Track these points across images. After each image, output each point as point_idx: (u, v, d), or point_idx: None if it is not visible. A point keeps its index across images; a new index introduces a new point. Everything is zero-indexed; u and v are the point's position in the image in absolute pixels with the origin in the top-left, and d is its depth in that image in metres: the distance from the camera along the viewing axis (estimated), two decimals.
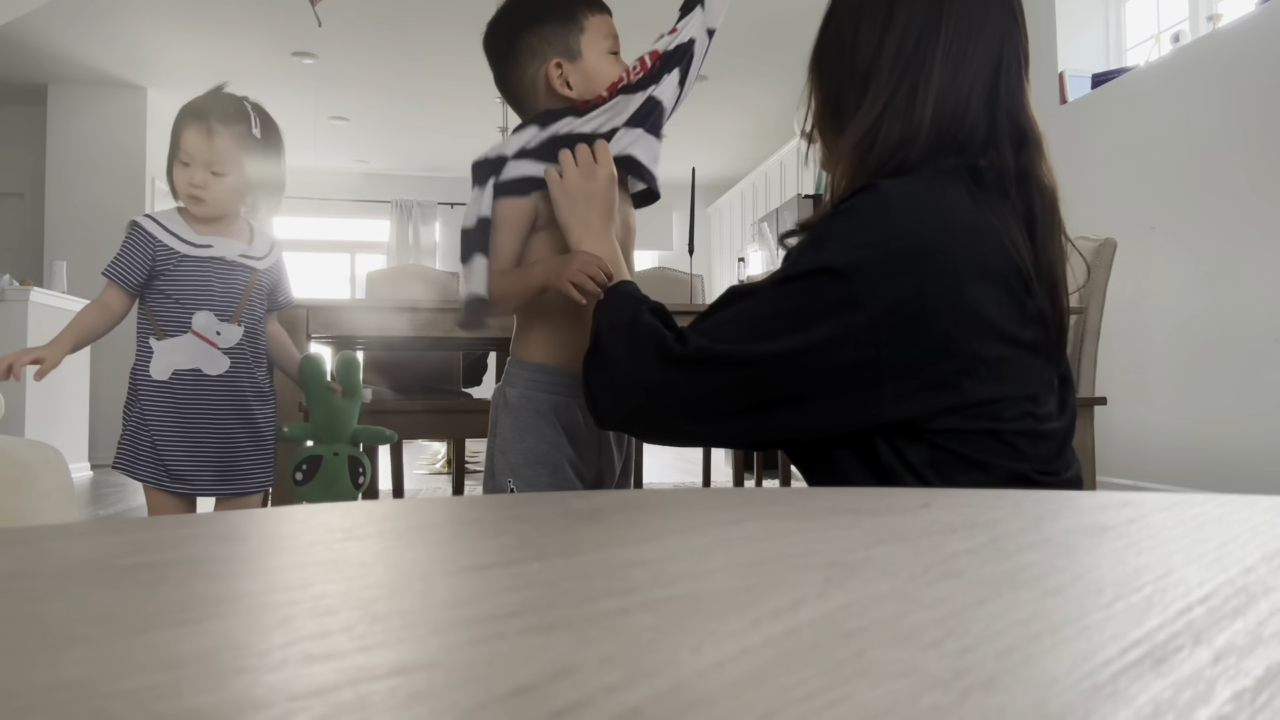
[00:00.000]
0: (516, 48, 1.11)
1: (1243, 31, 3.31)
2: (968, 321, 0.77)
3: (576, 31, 1.10)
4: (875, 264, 0.75)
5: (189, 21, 4.99)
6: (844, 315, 0.75)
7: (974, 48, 0.81)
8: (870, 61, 0.82)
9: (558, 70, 1.10)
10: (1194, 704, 0.17)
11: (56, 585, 0.27)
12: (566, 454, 1.12)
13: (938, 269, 0.76)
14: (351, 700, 0.17)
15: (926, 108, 0.81)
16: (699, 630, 0.22)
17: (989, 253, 0.78)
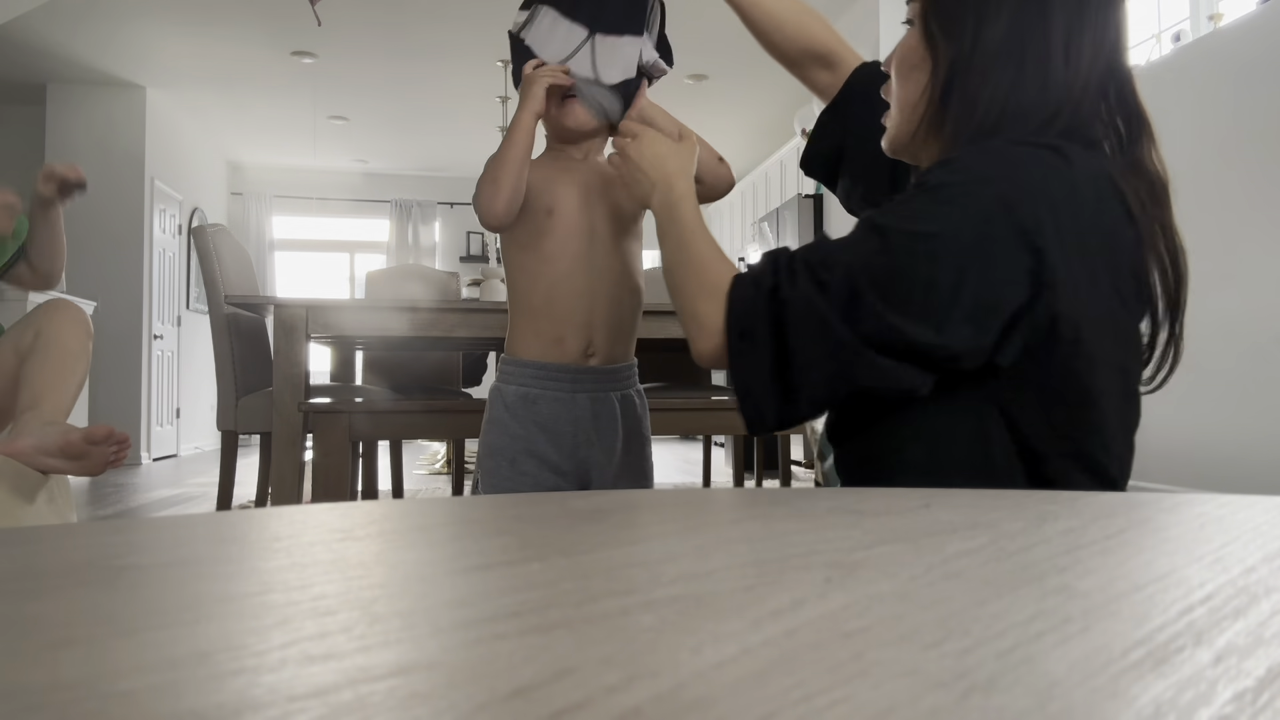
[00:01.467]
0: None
1: (1244, 31, 3.31)
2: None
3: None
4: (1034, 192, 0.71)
5: (188, 21, 4.99)
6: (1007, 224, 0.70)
7: (1100, 26, 0.78)
8: (1006, 28, 0.77)
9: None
10: (1195, 704, 0.17)
11: (56, 585, 0.27)
12: (532, 446, 1.12)
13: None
14: (351, 701, 0.17)
15: (1068, 81, 0.77)
16: (699, 630, 0.22)
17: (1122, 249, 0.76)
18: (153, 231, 6.21)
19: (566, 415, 1.14)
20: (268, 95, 6.27)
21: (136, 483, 4.70)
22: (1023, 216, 0.69)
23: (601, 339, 1.16)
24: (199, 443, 7.11)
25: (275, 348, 2.11)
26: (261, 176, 8.18)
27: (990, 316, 0.70)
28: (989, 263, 0.69)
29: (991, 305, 0.70)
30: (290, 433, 2.05)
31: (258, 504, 3.09)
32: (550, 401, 1.14)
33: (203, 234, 2.78)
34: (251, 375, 2.72)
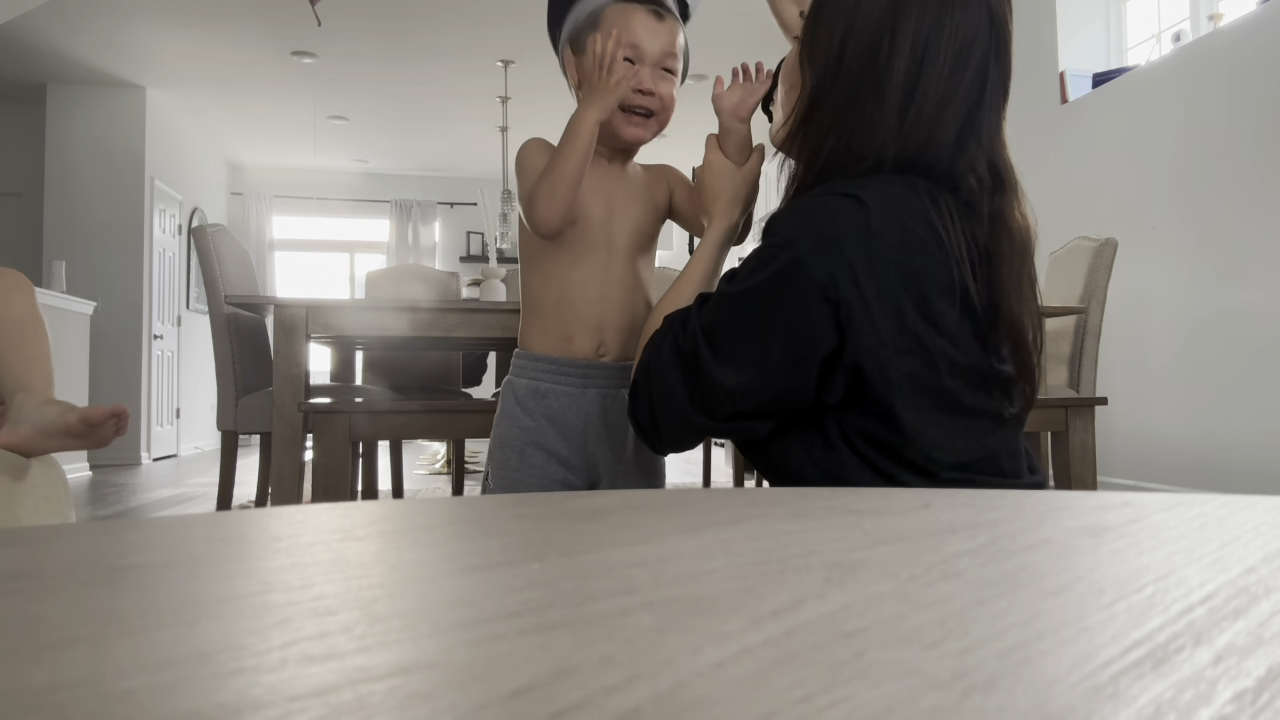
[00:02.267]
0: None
1: (1244, 31, 3.31)
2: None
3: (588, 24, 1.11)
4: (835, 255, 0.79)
5: (188, 21, 4.99)
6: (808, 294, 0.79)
7: (963, 75, 0.80)
8: (861, 65, 0.82)
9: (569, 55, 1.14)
10: (1195, 704, 0.17)
11: (56, 585, 0.27)
12: (540, 439, 1.13)
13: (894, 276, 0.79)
14: (351, 701, 0.17)
15: (910, 122, 0.80)
16: (699, 630, 0.22)
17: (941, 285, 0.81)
18: (153, 231, 6.21)
19: (576, 410, 1.14)
20: (268, 95, 6.27)
21: (136, 483, 4.70)
22: (818, 273, 0.78)
23: (613, 340, 1.16)
24: (199, 443, 7.11)
25: (275, 348, 2.11)
26: (261, 176, 8.17)
27: (801, 366, 0.80)
28: (794, 318, 0.79)
29: (800, 356, 0.80)
30: (290, 433, 2.05)
31: (258, 504, 3.09)
32: (560, 396, 1.14)
33: (203, 234, 2.78)
34: (251, 375, 2.72)
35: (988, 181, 0.82)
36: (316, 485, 1.75)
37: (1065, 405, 1.90)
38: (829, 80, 0.84)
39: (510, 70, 5.53)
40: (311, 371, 2.29)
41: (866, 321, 0.77)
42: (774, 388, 0.82)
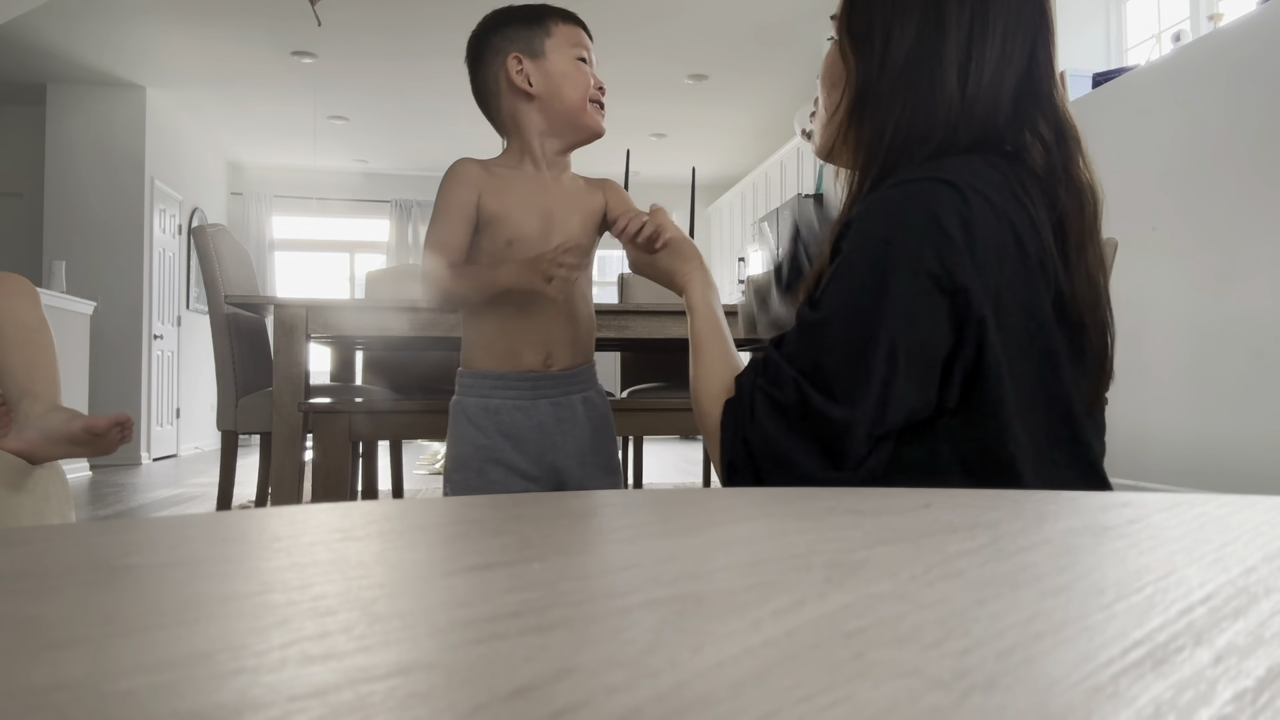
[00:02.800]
0: (483, 49, 1.15)
1: (1244, 31, 3.31)
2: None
3: (541, 34, 1.14)
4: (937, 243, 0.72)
5: (188, 21, 4.99)
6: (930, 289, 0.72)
7: (1012, 43, 0.78)
8: (909, 51, 0.79)
9: (516, 64, 1.13)
10: (1195, 704, 0.17)
11: (56, 585, 0.27)
12: (498, 455, 1.14)
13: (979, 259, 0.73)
14: (351, 701, 0.17)
15: (972, 91, 0.78)
16: (699, 630, 0.22)
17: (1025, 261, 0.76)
18: (153, 231, 6.21)
19: (528, 422, 1.15)
20: (268, 95, 6.27)
21: (136, 483, 4.70)
22: (929, 261, 0.71)
23: (560, 351, 1.17)
24: (199, 443, 7.11)
25: (275, 348, 2.11)
26: (261, 176, 8.17)
27: (928, 371, 0.73)
28: (912, 321, 0.72)
29: (927, 361, 0.73)
30: (290, 433, 2.05)
31: (258, 504, 3.09)
32: (511, 410, 1.15)
33: (203, 234, 2.78)
34: (251, 375, 2.72)
35: (1051, 139, 0.80)
36: (316, 485, 1.75)
37: None
38: (878, 66, 0.81)
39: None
40: (311, 371, 2.29)
41: (984, 307, 0.72)
42: (907, 402, 0.73)
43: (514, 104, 1.15)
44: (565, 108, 1.14)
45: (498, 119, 1.18)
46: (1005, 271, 0.73)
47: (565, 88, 1.13)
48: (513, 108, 1.15)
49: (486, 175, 1.14)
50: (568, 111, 1.14)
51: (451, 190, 1.13)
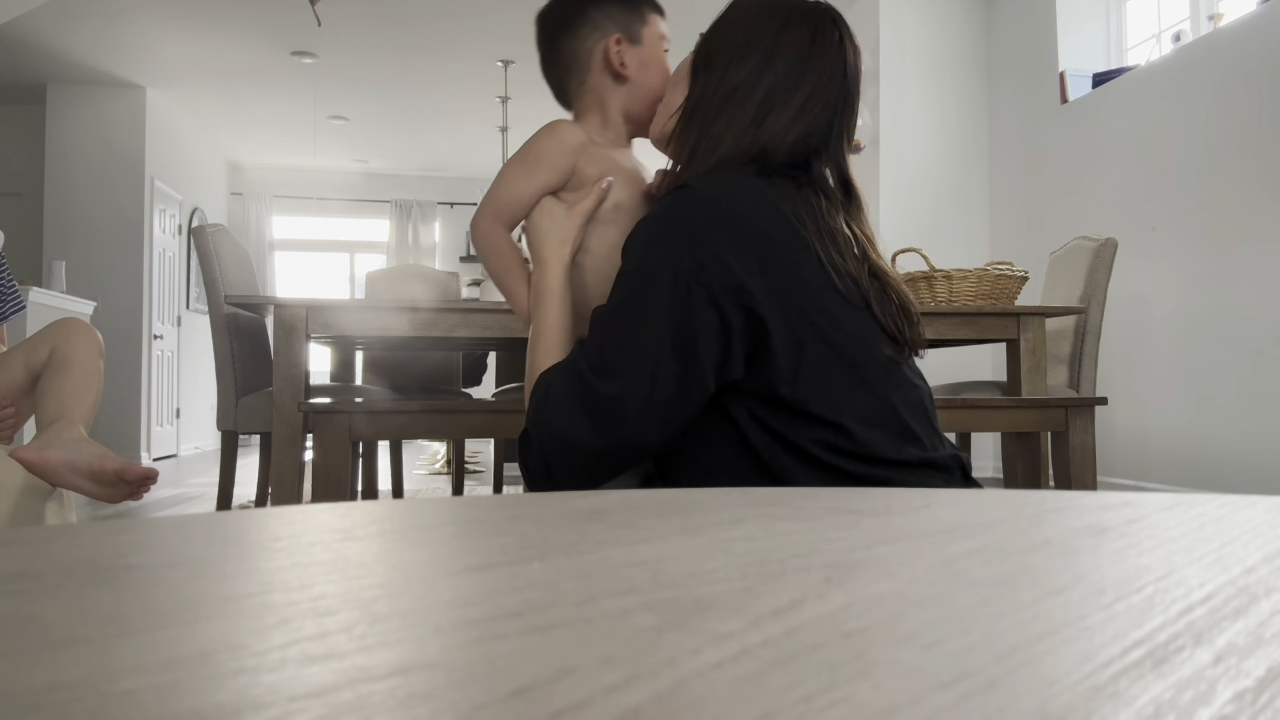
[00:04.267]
0: (578, 19, 1.14)
1: (1244, 31, 3.31)
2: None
3: (639, 21, 1.13)
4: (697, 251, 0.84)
5: (188, 21, 4.99)
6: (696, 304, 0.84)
7: (811, 108, 0.94)
8: (736, 84, 0.94)
9: (616, 45, 1.11)
10: (1195, 704, 0.17)
11: (56, 585, 0.27)
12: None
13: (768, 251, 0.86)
14: (351, 701, 0.17)
15: (757, 133, 0.93)
16: (699, 630, 0.22)
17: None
18: (153, 231, 6.21)
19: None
20: (268, 95, 6.27)
21: None
22: (686, 262, 0.83)
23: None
24: (199, 443, 7.11)
25: (275, 348, 2.11)
26: (261, 176, 8.17)
27: (692, 350, 0.84)
28: (675, 310, 0.83)
29: (689, 340, 0.83)
30: (290, 433, 2.05)
31: (258, 504, 3.09)
32: None
33: (203, 234, 2.78)
34: (251, 375, 2.72)
35: (838, 188, 0.97)
36: (316, 485, 1.75)
37: (1065, 405, 1.90)
38: (714, 87, 0.96)
39: (510, 70, 5.53)
40: (311, 371, 2.29)
41: (745, 291, 0.83)
42: (676, 376, 0.84)
43: (602, 82, 1.13)
44: (649, 100, 1.13)
45: (573, 90, 1.16)
46: (765, 258, 0.85)
47: (655, 82, 1.13)
48: (600, 85, 1.13)
49: (586, 146, 1.11)
50: (649, 103, 1.14)
51: (550, 151, 1.09)
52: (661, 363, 0.84)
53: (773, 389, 0.85)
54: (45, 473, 1.23)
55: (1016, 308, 2.32)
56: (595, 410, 0.85)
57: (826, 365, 0.86)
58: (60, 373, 1.43)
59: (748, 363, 0.86)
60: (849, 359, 0.87)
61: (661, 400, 0.84)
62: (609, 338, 0.87)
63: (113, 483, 1.26)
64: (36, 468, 1.22)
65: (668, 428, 0.86)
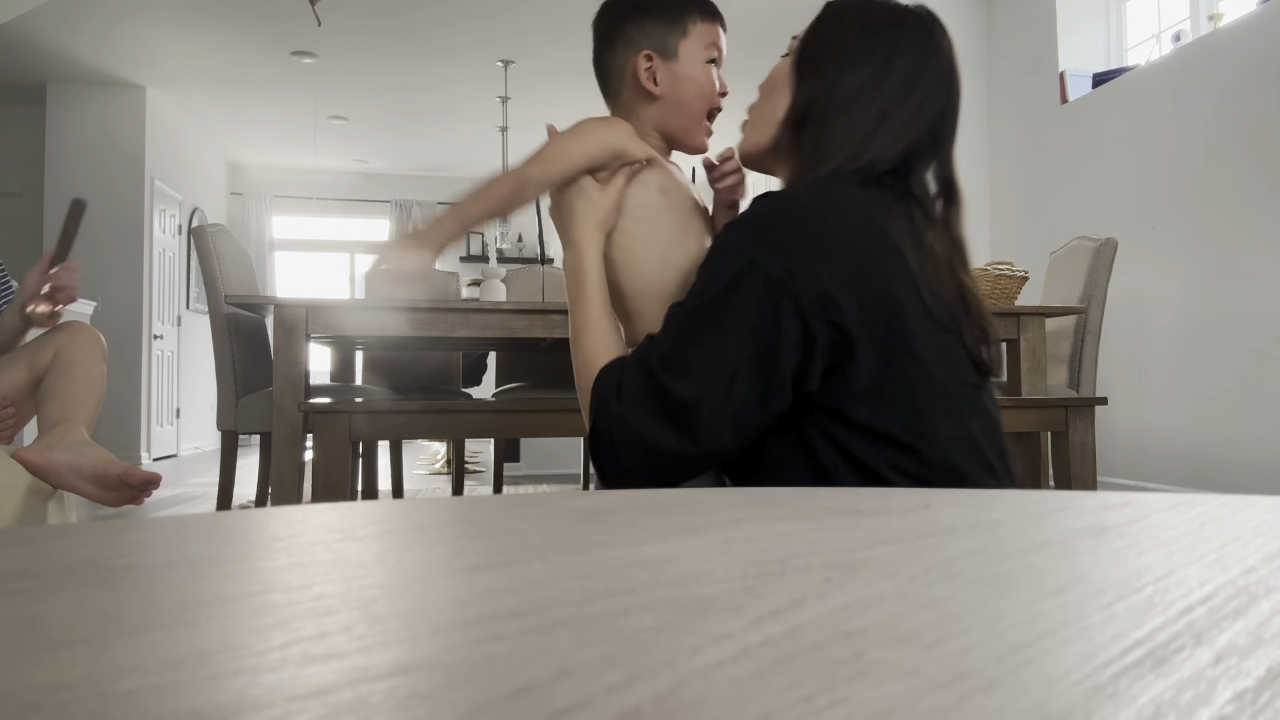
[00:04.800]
0: (615, 32, 1.11)
1: (1244, 31, 3.31)
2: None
3: (679, 33, 1.09)
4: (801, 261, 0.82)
5: (188, 21, 4.99)
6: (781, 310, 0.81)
7: (921, 117, 0.93)
8: (854, 88, 0.91)
9: (646, 62, 1.08)
10: (1195, 704, 0.17)
11: (56, 585, 0.27)
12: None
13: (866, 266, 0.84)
14: (351, 701, 0.17)
15: (886, 146, 0.91)
16: (699, 630, 0.22)
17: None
18: (153, 231, 6.21)
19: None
20: (268, 95, 6.27)
21: None
22: (776, 272, 0.81)
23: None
24: (199, 443, 7.11)
25: (275, 348, 2.11)
26: (261, 176, 8.17)
27: (774, 361, 0.82)
28: (759, 320, 0.81)
29: (772, 351, 0.81)
30: (290, 433, 2.05)
31: (258, 504, 3.09)
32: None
33: (203, 234, 2.78)
34: (251, 375, 2.72)
35: (940, 193, 0.95)
36: (316, 485, 1.75)
37: (1065, 405, 1.90)
38: (827, 89, 0.92)
39: (510, 70, 5.53)
40: (311, 371, 2.29)
41: (834, 305, 0.81)
42: (753, 385, 0.82)
43: (634, 98, 1.11)
44: (682, 117, 1.10)
45: (610, 105, 1.14)
46: (859, 273, 0.83)
47: (690, 97, 1.09)
48: (632, 100, 1.11)
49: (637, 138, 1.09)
50: (683, 122, 1.10)
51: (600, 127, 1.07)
52: (741, 370, 0.81)
53: (849, 406, 0.83)
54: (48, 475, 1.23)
55: (1016, 307, 2.32)
56: (671, 411, 0.83)
57: (911, 387, 0.83)
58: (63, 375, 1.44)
59: (825, 377, 0.83)
60: (935, 383, 0.84)
61: (738, 407, 0.82)
62: (688, 338, 0.84)
63: (115, 486, 1.26)
64: (39, 469, 1.22)
65: (742, 435, 0.83)
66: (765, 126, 0.98)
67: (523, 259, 7.92)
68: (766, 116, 0.99)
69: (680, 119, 1.10)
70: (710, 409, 0.82)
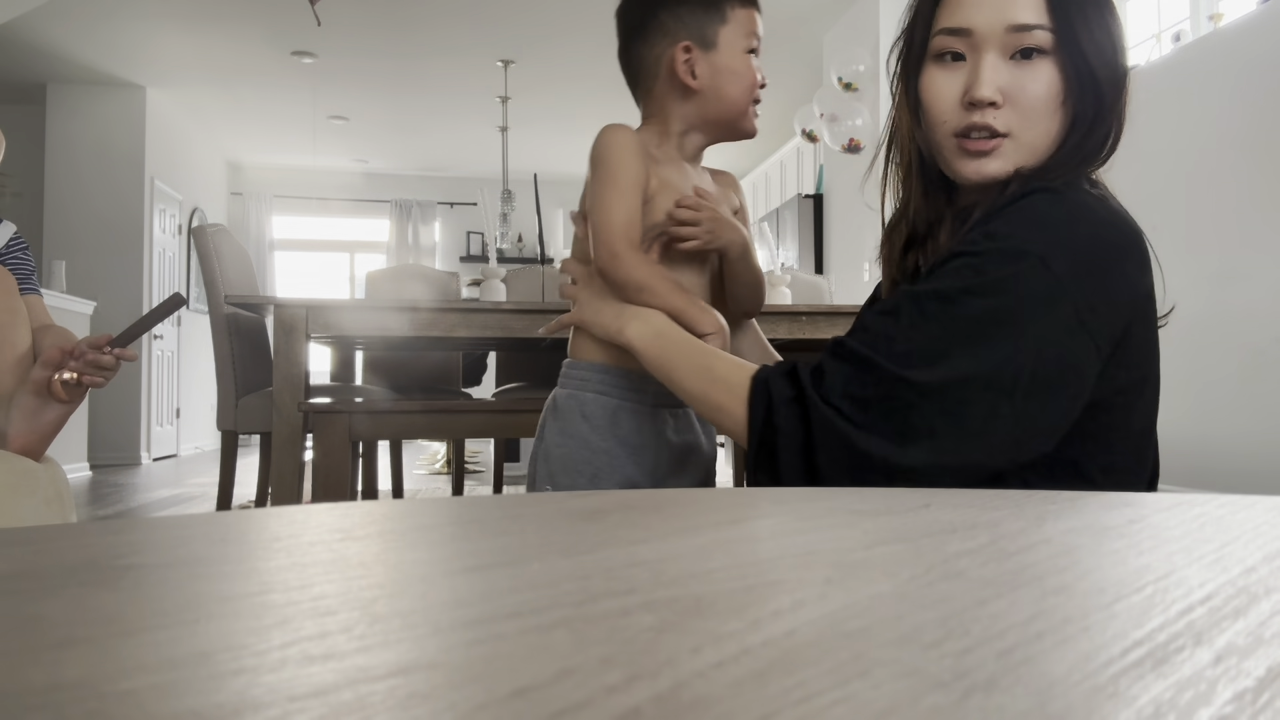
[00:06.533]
0: (649, 22, 1.02)
1: (1244, 31, 3.31)
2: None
3: (718, 21, 1.01)
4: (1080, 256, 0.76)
5: (188, 21, 4.99)
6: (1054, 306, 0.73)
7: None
8: (1112, 81, 0.85)
9: (684, 54, 1.00)
10: (1195, 704, 0.17)
11: (55, 585, 0.27)
12: (614, 463, 0.99)
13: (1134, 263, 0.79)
14: (351, 701, 0.17)
15: (1119, 128, 0.87)
16: (699, 630, 0.22)
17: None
18: (153, 231, 6.21)
19: (649, 429, 1.01)
20: (268, 95, 6.27)
21: (136, 483, 4.70)
22: (1075, 294, 0.73)
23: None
24: (199, 443, 7.11)
25: (275, 348, 2.11)
26: (261, 176, 8.18)
27: (1052, 391, 0.73)
28: (1042, 343, 0.72)
29: (1051, 382, 0.73)
30: (290, 433, 2.05)
31: (258, 504, 3.09)
32: (630, 414, 1.00)
33: (203, 234, 2.78)
34: (251, 375, 2.72)
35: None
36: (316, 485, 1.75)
37: None
38: (1120, 77, 0.85)
39: (510, 70, 5.53)
40: (311, 371, 2.29)
41: (1125, 337, 0.76)
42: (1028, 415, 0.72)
43: (667, 91, 1.03)
44: (726, 108, 1.02)
45: (640, 97, 1.06)
46: (1146, 289, 0.79)
47: (732, 87, 1.01)
48: (664, 96, 1.03)
49: (645, 145, 1.01)
50: (728, 112, 1.03)
51: (622, 159, 0.97)
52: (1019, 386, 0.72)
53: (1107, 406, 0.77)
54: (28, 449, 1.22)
55: None
56: (892, 405, 0.71)
57: (1146, 396, 0.80)
58: None
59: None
60: (1155, 394, 0.81)
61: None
62: (942, 325, 0.73)
63: (48, 379, 1.22)
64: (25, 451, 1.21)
65: (1020, 451, 0.74)
66: (1042, 150, 0.86)
67: (523, 259, 7.92)
68: (1043, 140, 0.86)
69: (722, 112, 1.03)
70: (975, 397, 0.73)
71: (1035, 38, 0.80)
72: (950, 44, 0.82)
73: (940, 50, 0.83)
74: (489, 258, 2.59)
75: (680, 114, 1.03)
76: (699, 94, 1.02)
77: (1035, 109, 0.82)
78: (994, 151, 0.82)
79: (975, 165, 0.82)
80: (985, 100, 0.80)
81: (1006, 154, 0.82)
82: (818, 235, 6.10)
